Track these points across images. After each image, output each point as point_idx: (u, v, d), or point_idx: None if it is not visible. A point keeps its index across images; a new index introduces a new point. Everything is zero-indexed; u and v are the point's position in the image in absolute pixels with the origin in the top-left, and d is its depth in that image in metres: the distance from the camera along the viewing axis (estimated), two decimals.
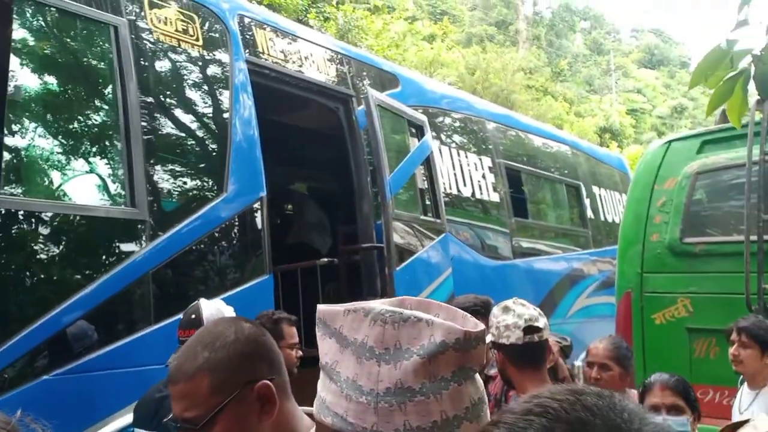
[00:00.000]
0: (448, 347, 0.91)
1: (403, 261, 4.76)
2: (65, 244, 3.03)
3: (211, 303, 2.87)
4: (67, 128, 3.30)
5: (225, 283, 3.63)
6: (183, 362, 1.26)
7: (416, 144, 5.01)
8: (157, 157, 3.49)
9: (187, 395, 1.24)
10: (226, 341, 1.27)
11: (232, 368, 1.25)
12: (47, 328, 2.84)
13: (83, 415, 2.94)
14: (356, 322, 0.95)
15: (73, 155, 3.27)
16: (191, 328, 2.71)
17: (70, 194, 3.21)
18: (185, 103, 3.77)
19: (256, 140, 3.96)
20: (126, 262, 3.15)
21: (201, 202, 3.60)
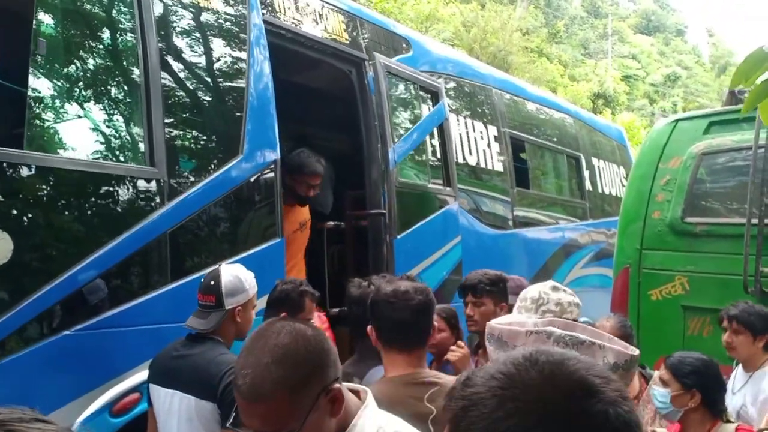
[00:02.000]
0: (619, 367, 1.09)
1: (409, 228, 4.82)
2: (86, 202, 3.03)
3: (231, 269, 2.89)
4: (86, 87, 3.25)
5: (239, 245, 3.66)
6: (259, 382, 1.30)
7: (429, 110, 5.01)
8: (176, 117, 3.47)
9: (267, 414, 1.30)
10: (298, 357, 1.33)
11: (309, 383, 1.33)
12: (68, 284, 2.87)
13: (101, 370, 3.00)
14: (539, 342, 1.13)
15: (94, 114, 3.24)
16: (210, 293, 2.77)
17: (90, 152, 3.19)
18: (203, 61, 3.72)
19: (272, 102, 3.94)
20: (145, 221, 3.17)
21: (217, 163, 3.60)
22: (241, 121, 3.75)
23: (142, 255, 3.16)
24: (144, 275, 3.21)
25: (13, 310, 2.68)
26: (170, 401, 2.69)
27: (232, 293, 2.76)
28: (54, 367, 2.83)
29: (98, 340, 2.97)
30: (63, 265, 2.86)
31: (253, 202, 3.81)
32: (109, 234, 3.04)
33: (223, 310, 2.73)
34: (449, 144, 5.30)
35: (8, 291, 2.70)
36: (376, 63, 4.73)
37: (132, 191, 3.22)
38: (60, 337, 2.84)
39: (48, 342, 2.80)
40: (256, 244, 3.75)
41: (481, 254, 5.43)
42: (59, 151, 3.11)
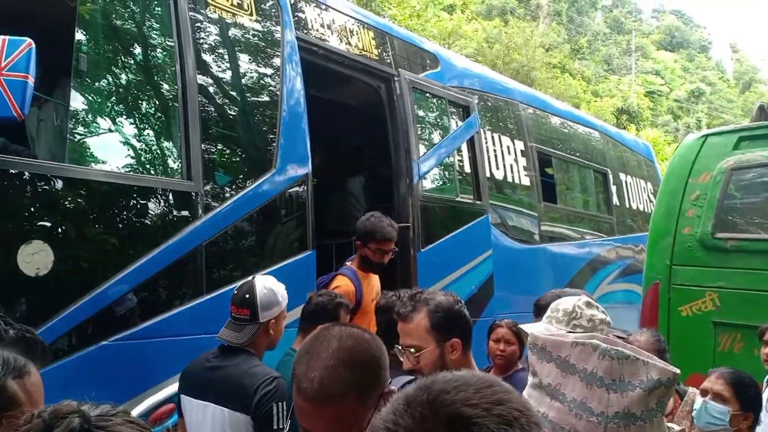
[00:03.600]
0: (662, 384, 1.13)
1: (434, 241, 4.85)
2: (125, 214, 3.11)
3: (265, 281, 2.87)
4: (126, 103, 3.35)
5: (271, 258, 3.71)
6: (327, 384, 1.31)
7: (459, 124, 5.05)
8: (211, 132, 3.55)
9: (336, 418, 1.32)
10: (365, 359, 1.36)
11: (374, 385, 1.36)
12: (106, 295, 2.93)
13: (138, 380, 3.05)
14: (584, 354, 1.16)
15: (134, 129, 3.33)
16: (245, 307, 2.74)
17: (129, 166, 3.28)
18: (238, 78, 3.81)
19: (304, 117, 4.01)
20: (181, 234, 3.23)
21: (251, 177, 3.67)
22: (274, 135, 3.83)
23: (178, 267, 3.23)
24: (180, 287, 3.27)
25: (53, 319, 2.75)
26: (203, 413, 2.70)
27: (267, 306, 2.75)
28: (92, 376, 2.88)
29: (135, 350, 3.02)
30: (102, 276, 2.93)
31: (285, 215, 3.87)
32: (146, 246, 3.11)
33: (257, 324, 2.72)
34: (480, 158, 5.33)
35: (49, 301, 2.78)
36: (401, 79, 4.79)
37: (169, 204, 3.30)
38: (98, 347, 2.90)
39: (87, 352, 2.86)
40: (288, 256, 3.80)
41: (508, 269, 5.43)
42: (99, 165, 3.20)
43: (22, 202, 2.80)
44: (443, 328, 2.10)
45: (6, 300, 2.68)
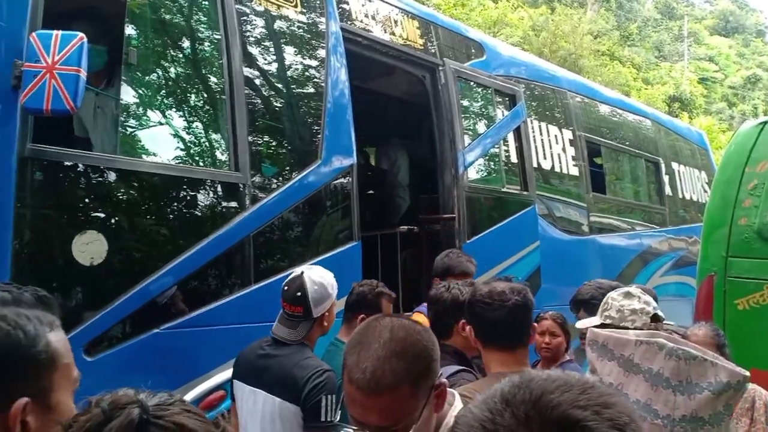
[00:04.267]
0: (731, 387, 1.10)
1: (480, 232, 4.80)
2: (176, 205, 3.17)
3: (314, 275, 2.77)
4: (176, 96, 3.40)
5: (317, 248, 3.73)
6: (380, 374, 1.30)
7: (505, 114, 4.97)
8: (258, 123, 3.58)
9: (389, 407, 1.31)
10: (417, 350, 1.35)
11: (427, 376, 1.35)
12: (158, 284, 3.00)
13: (189, 367, 3.11)
14: (649, 353, 1.13)
15: (183, 121, 3.38)
16: (297, 304, 2.70)
17: (180, 158, 3.33)
18: (284, 70, 3.83)
19: (349, 108, 4.01)
20: (230, 224, 3.27)
21: (297, 168, 3.69)
22: (320, 127, 3.84)
23: (227, 257, 3.27)
24: (229, 277, 3.31)
25: (107, 308, 2.82)
26: (254, 399, 2.73)
27: (318, 302, 2.71)
28: (145, 363, 2.95)
29: (186, 338, 3.08)
30: (154, 266, 2.99)
31: (330, 206, 3.88)
32: (196, 236, 3.16)
33: (311, 320, 2.71)
34: (527, 148, 5.24)
35: (103, 290, 2.85)
36: (446, 68, 4.74)
37: (218, 195, 3.34)
38: (151, 335, 2.96)
39: (139, 339, 2.93)
40: (334, 247, 3.81)
41: (555, 260, 5.33)
42: (150, 157, 3.26)
43: (76, 192, 2.88)
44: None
45: (62, 288, 2.77)
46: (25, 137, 2.59)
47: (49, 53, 2.42)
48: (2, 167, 2.52)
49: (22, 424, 0.94)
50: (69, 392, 1.02)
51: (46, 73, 2.40)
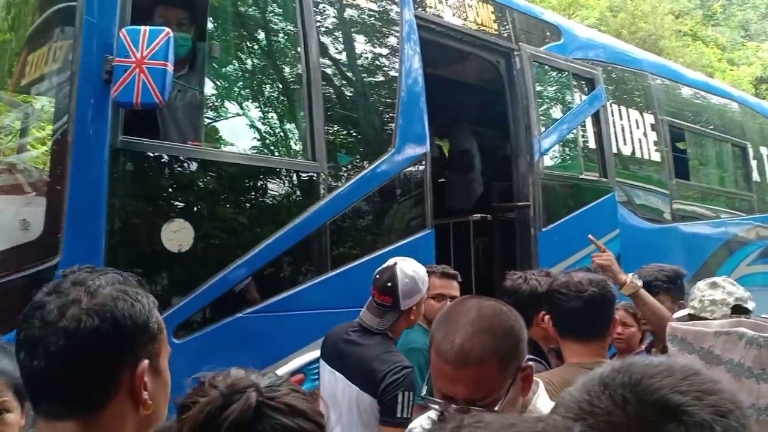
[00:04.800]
0: None
1: (556, 220, 4.70)
2: (257, 194, 3.26)
3: (407, 267, 2.75)
4: (255, 86, 3.49)
5: (391, 236, 3.76)
6: (469, 348, 1.32)
7: (583, 98, 4.84)
8: (333, 113, 3.63)
9: (477, 379, 1.33)
10: (505, 328, 1.37)
11: (514, 355, 1.36)
12: (241, 270, 3.10)
13: (270, 351, 3.20)
14: (729, 343, 1.11)
15: (262, 112, 3.47)
16: (387, 294, 2.69)
17: (259, 148, 3.43)
18: (359, 59, 3.86)
19: (422, 96, 4.00)
20: (307, 213, 3.34)
21: (371, 157, 3.72)
22: (393, 115, 3.85)
23: (305, 245, 3.34)
24: (306, 264, 3.39)
25: (194, 293, 2.94)
26: (335, 381, 2.78)
27: (408, 295, 2.70)
28: (228, 347, 3.06)
29: (267, 323, 3.17)
30: (237, 253, 3.09)
31: (404, 194, 3.90)
32: (276, 224, 3.24)
33: (399, 312, 2.70)
34: (606, 133, 5.09)
35: (190, 276, 2.97)
36: (522, 53, 4.65)
37: (295, 185, 3.42)
38: (234, 319, 3.06)
39: (224, 323, 3.04)
40: (407, 235, 3.82)
41: (636, 249, 5.15)
42: (232, 148, 3.37)
43: (164, 182, 3.01)
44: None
45: (151, 274, 2.90)
46: (116, 130, 2.72)
47: (138, 48, 2.53)
48: (96, 159, 2.66)
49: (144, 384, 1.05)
50: (166, 358, 1.14)
51: (135, 68, 2.51)
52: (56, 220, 2.61)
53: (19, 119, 3.27)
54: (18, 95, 3.25)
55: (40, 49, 2.94)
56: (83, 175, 2.64)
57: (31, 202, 2.74)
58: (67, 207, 2.59)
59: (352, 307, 3.35)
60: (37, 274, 2.60)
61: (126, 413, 1.04)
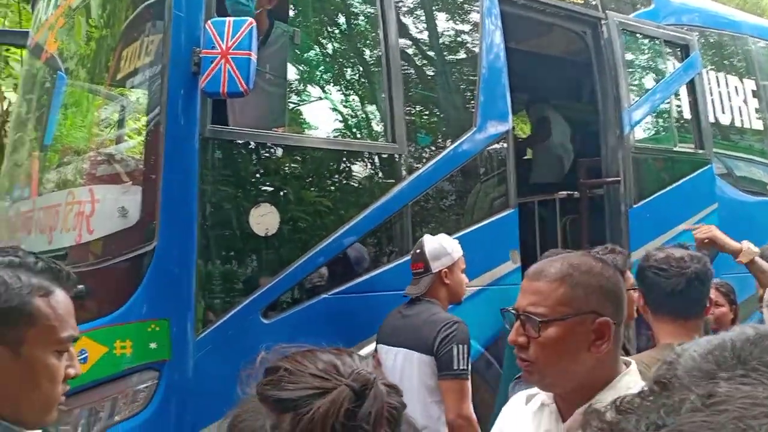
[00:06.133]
0: None
1: (648, 196, 4.51)
2: (339, 177, 3.32)
3: (434, 237, 3.06)
4: (335, 71, 3.53)
5: (473, 216, 3.72)
6: (547, 267, 1.40)
7: (676, 66, 4.59)
8: (413, 93, 3.61)
9: (539, 293, 1.38)
10: (591, 270, 1.39)
11: (587, 292, 1.36)
12: (325, 252, 3.16)
13: (355, 331, 3.26)
14: None
15: (343, 95, 3.51)
16: (419, 261, 3.00)
17: (341, 132, 3.47)
18: (438, 37, 3.81)
19: (504, 72, 3.91)
20: (388, 195, 3.36)
21: (452, 137, 3.68)
22: (474, 93, 3.79)
23: (386, 226, 3.37)
24: (388, 245, 3.42)
25: (281, 275, 3.03)
26: (394, 357, 2.91)
27: (436, 257, 2.96)
28: (315, 327, 3.14)
29: (351, 303, 3.23)
30: (321, 236, 3.16)
31: (486, 173, 3.84)
32: (358, 207, 3.28)
33: (430, 274, 2.95)
34: (702, 102, 4.81)
35: (276, 259, 3.06)
36: (609, 21, 4.44)
37: (377, 167, 3.44)
38: (320, 300, 3.14)
39: (310, 304, 3.12)
40: (490, 214, 3.78)
41: (736, 224, 4.86)
42: (315, 132, 3.43)
43: (250, 168, 3.11)
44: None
45: (239, 258, 3.02)
46: (205, 119, 2.82)
47: (223, 39, 2.60)
48: (187, 148, 2.78)
49: None
50: (48, 350, 1.16)
51: (221, 59, 2.59)
52: (152, 207, 2.75)
53: (115, 112, 3.45)
54: (114, 88, 3.43)
55: (133, 44, 3.08)
56: (176, 163, 2.76)
57: (129, 191, 2.89)
58: (162, 194, 2.73)
59: None
60: (137, 258, 2.76)
61: None
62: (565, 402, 1.41)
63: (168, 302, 2.75)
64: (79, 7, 3.55)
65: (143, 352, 2.68)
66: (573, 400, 1.37)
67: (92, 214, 2.91)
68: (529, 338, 1.37)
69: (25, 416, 1.16)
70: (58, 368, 1.17)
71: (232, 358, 2.90)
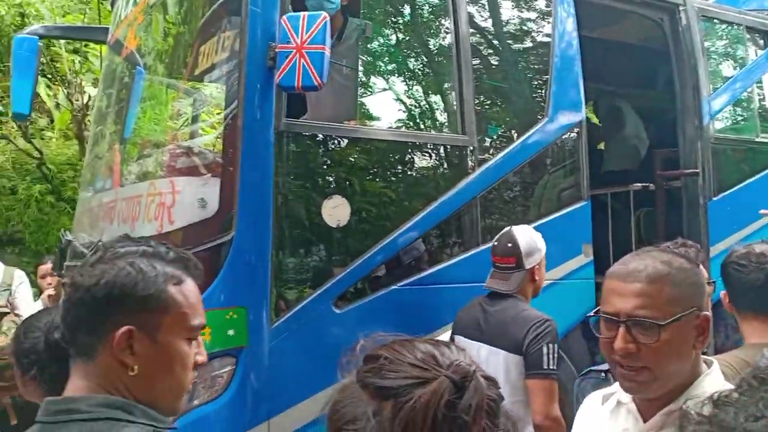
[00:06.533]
0: None
1: (729, 188, 4.33)
2: (409, 169, 3.33)
3: (523, 230, 2.92)
4: (406, 63, 3.53)
5: (544, 208, 3.67)
6: (639, 267, 1.35)
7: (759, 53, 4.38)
8: (483, 84, 3.58)
9: (644, 295, 1.32)
10: (683, 266, 1.36)
11: (689, 290, 1.34)
12: (395, 243, 3.18)
13: (424, 322, 3.27)
14: None
15: (413, 88, 3.51)
16: (509, 255, 2.84)
17: (411, 124, 3.47)
18: (509, 26, 3.76)
19: (577, 60, 3.82)
20: (458, 187, 3.35)
21: (523, 128, 3.63)
22: (546, 83, 3.72)
23: (456, 218, 3.36)
24: (458, 237, 3.41)
25: (352, 266, 3.07)
26: (477, 353, 2.80)
27: (530, 254, 2.83)
28: (385, 317, 3.17)
29: (421, 295, 3.24)
30: (391, 228, 3.18)
31: (558, 165, 3.77)
32: (428, 199, 3.28)
33: (523, 270, 2.82)
34: None
35: (348, 250, 3.10)
36: (688, 8, 4.27)
37: (446, 159, 3.43)
38: (390, 291, 3.16)
39: (380, 295, 3.15)
40: (561, 206, 3.71)
41: None
42: (385, 124, 3.44)
43: (322, 160, 3.15)
44: None
45: (312, 248, 3.07)
46: (280, 113, 2.88)
47: (298, 34, 2.64)
48: (263, 141, 2.84)
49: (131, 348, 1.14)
50: (181, 337, 1.18)
51: (296, 53, 2.63)
52: (230, 199, 2.83)
53: (193, 105, 3.56)
54: (191, 83, 3.54)
55: (210, 39, 3.17)
56: (252, 156, 2.83)
57: (208, 182, 2.98)
58: (239, 186, 2.80)
59: None
60: (216, 247, 2.85)
61: (113, 368, 1.13)
62: (646, 402, 1.38)
63: (245, 291, 2.82)
64: (157, 4, 3.67)
65: (222, 339, 2.77)
66: (657, 400, 1.35)
67: (173, 205, 3.02)
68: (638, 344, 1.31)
69: (160, 402, 1.18)
70: (189, 355, 1.20)
71: (305, 346, 2.98)
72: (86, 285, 1.14)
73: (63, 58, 7.07)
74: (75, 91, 7.00)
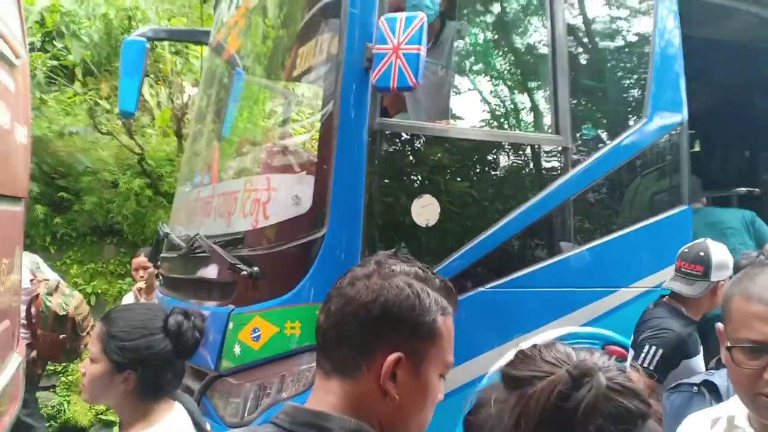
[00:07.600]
0: None
1: None
2: (501, 169, 3.29)
3: (718, 245, 2.98)
4: (500, 62, 3.50)
5: (641, 213, 3.54)
6: None
7: None
8: (579, 84, 3.49)
9: None
10: None
11: None
12: (485, 244, 3.15)
13: (512, 326, 3.23)
14: None
15: (507, 87, 3.47)
16: (699, 263, 2.93)
17: (504, 123, 3.44)
18: (606, 23, 3.66)
19: (679, 60, 3.66)
20: (551, 188, 3.28)
21: (621, 129, 3.52)
22: (645, 83, 3.59)
23: (548, 220, 3.29)
24: (549, 240, 3.34)
25: (440, 265, 3.06)
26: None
27: (720, 267, 2.88)
28: (473, 319, 3.14)
29: (510, 298, 3.20)
30: (481, 228, 3.16)
31: (656, 168, 3.63)
32: (519, 200, 3.24)
33: (708, 281, 2.88)
34: None
35: (437, 249, 3.10)
36: None
37: (539, 159, 3.37)
38: (477, 293, 3.14)
39: (468, 296, 3.12)
40: (660, 211, 3.57)
41: None
42: (477, 124, 3.42)
43: (413, 160, 3.17)
44: None
45: (401, 247, 3.09)
46: (374, 112, 2.92)
47: (395, 35, 2.66)
48: (357, 141, 2.89)
49: (393, 376, 1.05)
50: (438, 371, 1.10)
51: (392, 54, 2.66)
52: (323, 196, 2.90)
53: (289, 105, 3.66)
54: (288, 83, 3.64)
55: (309, 41, 3.25)
56: (347, 155, 2.88)
57: (302, 180, 3.06)
58: (333, 184, 2.86)
59: (596, 287, 3.26)
60: (308, 243, 2.92)
61: (372, 393, 1.05)
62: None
63: None
64: (257, 8, 3.80)
65: (311, 334, 2.81)
66: None
67: (268, 201, 3.11)
68: None
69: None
70: (440, 392, 1.11)
71: None
72: (363, 300, 1.07)
73: (166, 59, 7.42)
74: (175, 91, 7.34)
